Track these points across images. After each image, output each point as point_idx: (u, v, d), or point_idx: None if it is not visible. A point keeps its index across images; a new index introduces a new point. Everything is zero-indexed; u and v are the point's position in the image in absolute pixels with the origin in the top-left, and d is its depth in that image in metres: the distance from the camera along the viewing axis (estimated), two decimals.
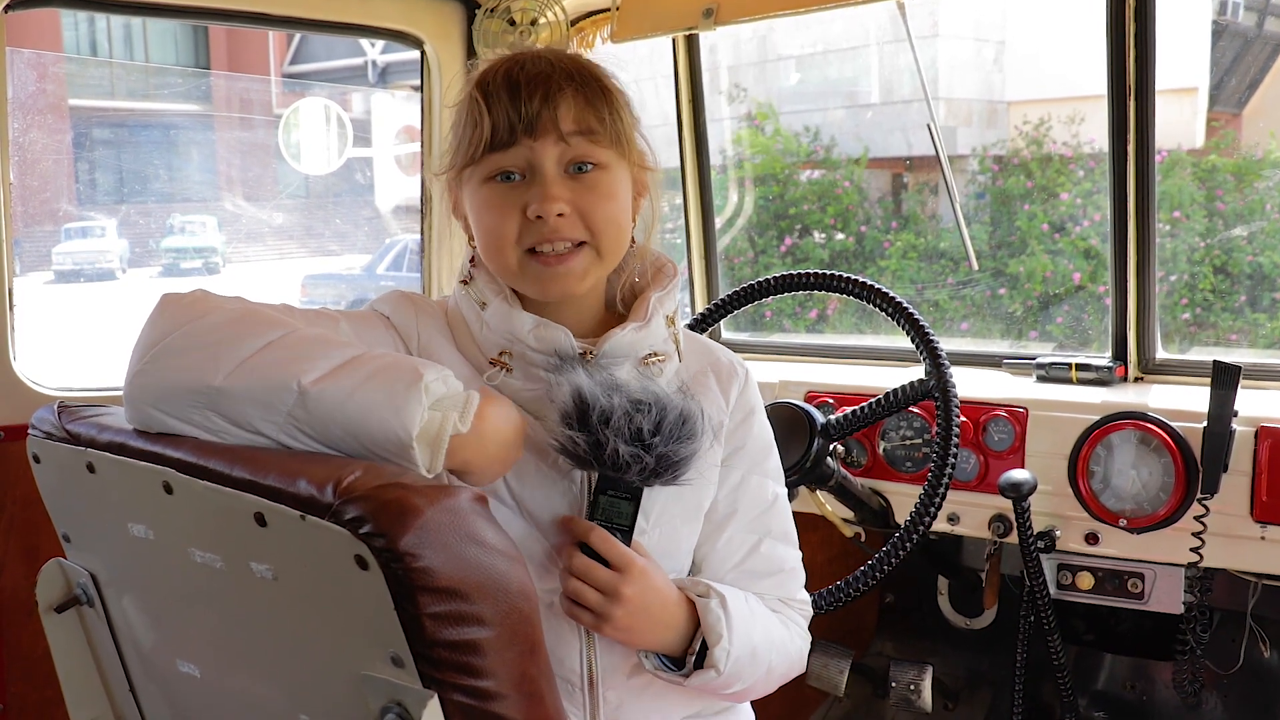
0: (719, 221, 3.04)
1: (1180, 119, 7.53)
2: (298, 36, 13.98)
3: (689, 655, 1.37)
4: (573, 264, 1.35)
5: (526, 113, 1.32)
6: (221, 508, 1.10)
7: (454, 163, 1.40)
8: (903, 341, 2.11)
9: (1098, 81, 2.28)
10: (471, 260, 1.45)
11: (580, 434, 1.30)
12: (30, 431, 1.34)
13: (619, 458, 1.29)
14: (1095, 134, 7.53)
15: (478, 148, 1.35)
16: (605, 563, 1.32)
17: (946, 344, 2.05)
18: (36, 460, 1.35)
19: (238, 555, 1.11)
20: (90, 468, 1.26)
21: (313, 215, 10.58)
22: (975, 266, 3.18)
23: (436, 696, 0.98)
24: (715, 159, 2.93)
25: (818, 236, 8.50)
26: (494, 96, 1.34)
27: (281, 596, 1.09)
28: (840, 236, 8.48)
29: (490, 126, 1.33)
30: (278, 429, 1.13)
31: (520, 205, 1.34)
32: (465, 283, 1.44)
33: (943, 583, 2.76)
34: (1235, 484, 2.03)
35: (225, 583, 1.15)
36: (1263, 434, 2.01)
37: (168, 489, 1.15)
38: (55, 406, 1.34)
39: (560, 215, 1.33)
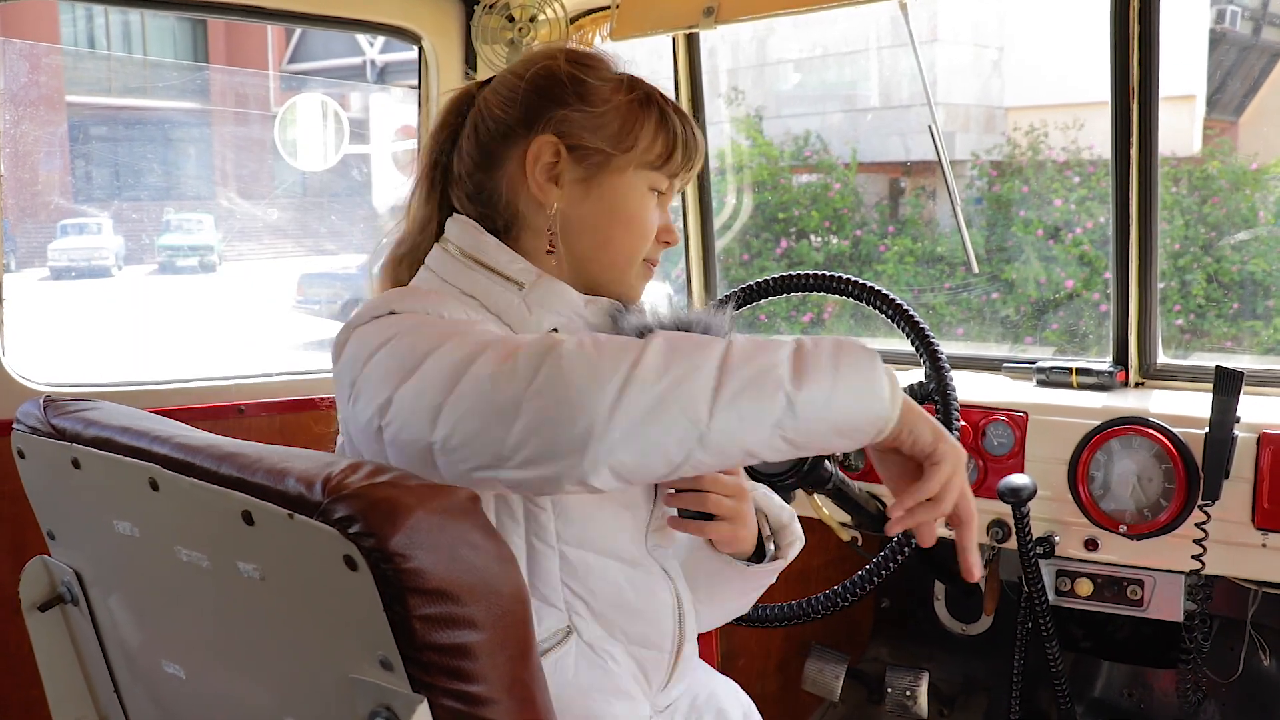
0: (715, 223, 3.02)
1: (1177, 126, 7.54)
2: (297, 34, 13.97)
3: (773, 549, 1.59)
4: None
5: (694, 148, 1.46)
6: (208, 505, 1.08)
7: (598, 144, 1.40)
8: (901, 344, 2.09)
9: (1096, 88, 2.26)
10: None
11: None
12: (15, 426, 1.32)
13: None
14: (1093, 140, 7.53)
15: (656, 157, 1.43)
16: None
17: (944, 348, 2.03)
18: (21, 455, 1.33)
19: (224, 554, 1.09)
20: (75, 463, 1.24)
21: (310, 214, 10.55)
22: (976, 269, 3.15)
23: (426, 701, 0.96)
24: (712, 163, 2.91)
25: (814, 240, 8.49)
26: (670, 118, 1.44)
27: (269, 597, 1.07)
28: (835, 240, 8.47)
29: (671, 146, 1.43)
30: (765, 446, 1.10)
31: (655, 223, 1.46)
32: (477, 261, 1.40)
33: (939, 588, 2.74)
34: (1237, 491, 2.01)
35: (211, 582, 1.13)
36: (1265, 440, 1.99)
37: (154, 486, 1.13)
38: (41, 401, 1.31)
39: None
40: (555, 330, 1.38)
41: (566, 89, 1.40)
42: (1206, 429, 2.01)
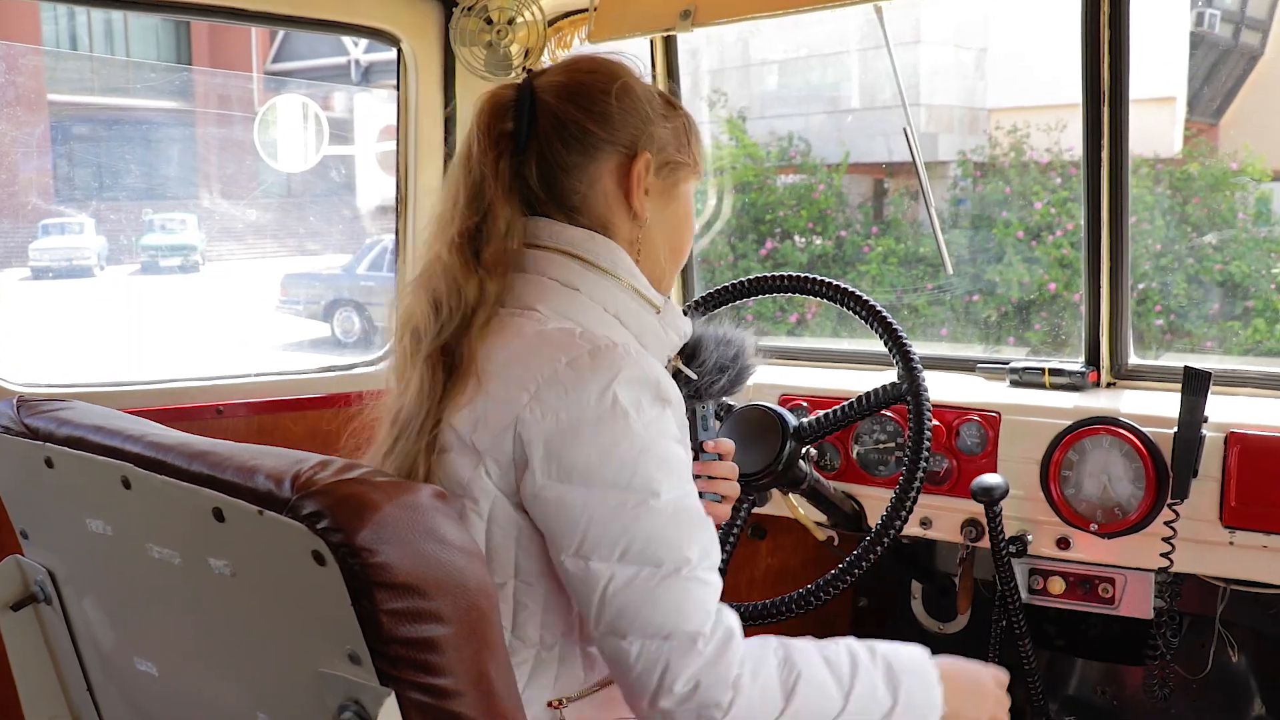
0: (696, 225, 3.03)
1: (1158, 127, 7.60)
2: (280, 34, 13.93)
3: None
4: None
5: None
6: (180, 503, 1.09)
7: (676, 154, 1.49)
8: (880, 345, 2.11)
9: (1077, 89, 2.28)
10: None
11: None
12: None
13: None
14: (1073, 142, 7.57)
15: (696, 164, 1.53)
16: None
17: (923, 348, 2.05)
18: None
19: (196, 551, 1.10)
20: (49, 463, 1.25)
21: (294, 214, 10.54)
22: (950, 271, 3.18)
23: (393, 694, 0.97)
24: None
25: (798, 240, 8.52)
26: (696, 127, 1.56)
27: (239, 593, 1.08)
28: (820, 241, 8.51)
29: (700, 154, 1.54)
30: None
31: None
32: (619, 280, 1.44)
33: (916, 587, 2.76)
34: (1205, 489, 2.04)
35: (183, 579, 1.14)
36: (1232, 440, 2.01)
37: (126, 484, 1.14)
38: (14, 401, 1.32)
39: None
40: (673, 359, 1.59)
41: (650, 106, 1.47)
42: (1176, 429, 2.03)
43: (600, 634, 1.25)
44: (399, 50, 2.56)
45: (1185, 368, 2.02)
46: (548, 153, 1.43)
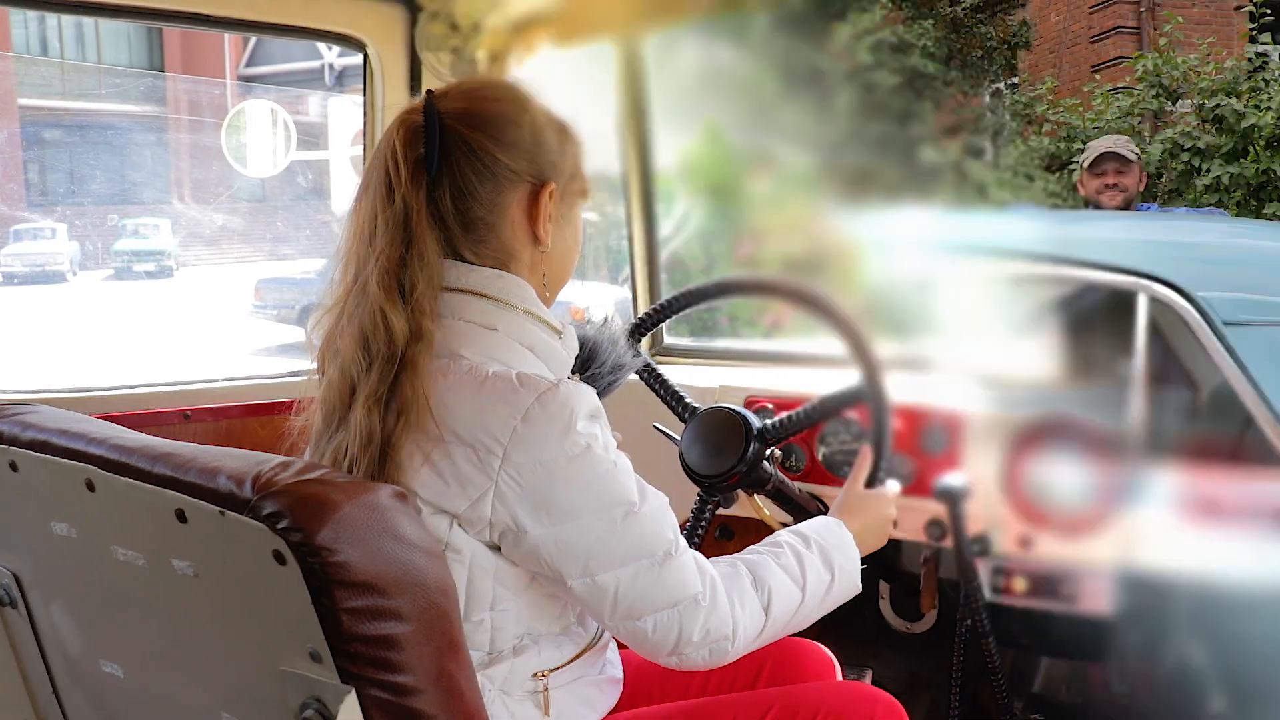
0: (669, 226, 3.04)
1: None
2: (253, 39, 13.90)
3: None
4: None
5: None
6: (143, 504, 1.10)
7: (572, 181, 1.51)
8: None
9: None
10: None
11: None
12: None
13: None
14: None
15: (588, 189, 1.55)
16: None
17: (888, 349, 2.06)
18: None
19: (159, 552, 1.11)
20: (13, 466, 1.26)
21: (268, 219, 10.51)
22: None
23: (354, 691, 0.99)
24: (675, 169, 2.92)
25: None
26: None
27: (203, 593, 1.09)
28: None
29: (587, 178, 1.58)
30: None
31: None
32: (534, 316, 1.45)
33: (884, 586, 2.79)
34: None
35: (147, 581, 1.15)
36: None
37: (90, 486, 1.15)
38: None
39: None
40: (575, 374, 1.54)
41: (553, 136, 1.47)
42: None
43: (615, 622, 1.38)
44: (365, 55, 2.56)
45: None
46: (460, 181, 1.40)
